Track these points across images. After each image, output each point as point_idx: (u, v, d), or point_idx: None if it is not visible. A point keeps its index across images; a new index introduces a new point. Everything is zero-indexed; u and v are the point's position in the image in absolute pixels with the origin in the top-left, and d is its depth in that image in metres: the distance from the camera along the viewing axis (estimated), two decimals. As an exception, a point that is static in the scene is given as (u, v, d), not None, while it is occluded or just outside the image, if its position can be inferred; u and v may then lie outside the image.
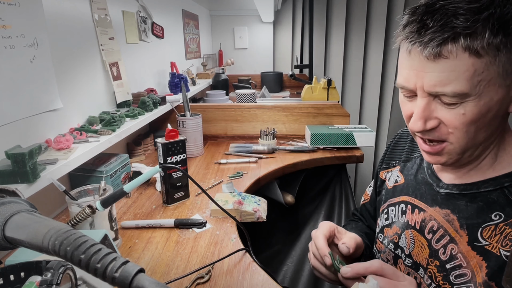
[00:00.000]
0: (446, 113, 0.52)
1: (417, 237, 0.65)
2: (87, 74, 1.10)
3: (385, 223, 0.75)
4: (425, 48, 0.49)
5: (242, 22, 3.06)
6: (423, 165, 0.70)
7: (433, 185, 0.65)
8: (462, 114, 0.50)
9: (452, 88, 0.49)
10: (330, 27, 2.95)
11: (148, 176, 0.76)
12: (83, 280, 0.50)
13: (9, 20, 0.76)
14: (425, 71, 0.50)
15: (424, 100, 0.52)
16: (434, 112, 0.53)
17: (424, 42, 0.48)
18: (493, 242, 0.53)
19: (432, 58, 0.49)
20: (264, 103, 1.76)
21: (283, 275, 1.41)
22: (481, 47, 0.46)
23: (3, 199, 0.44)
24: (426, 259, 0.62)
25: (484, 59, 0.47)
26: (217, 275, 0.72)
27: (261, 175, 1.24)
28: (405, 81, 0.54)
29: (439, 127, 0.54)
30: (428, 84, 0.50)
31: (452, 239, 0.58)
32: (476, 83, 0.48)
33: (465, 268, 0.55)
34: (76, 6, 1.05)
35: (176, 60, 1.86)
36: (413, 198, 0.68)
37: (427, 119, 0.53)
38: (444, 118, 0.52)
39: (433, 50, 0.48)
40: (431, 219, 0.63)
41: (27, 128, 0.84)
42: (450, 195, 0.61)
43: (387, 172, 0.80)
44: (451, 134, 0.53)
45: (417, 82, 0.52)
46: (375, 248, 0.78)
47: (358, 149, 1.47)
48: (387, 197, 0.76)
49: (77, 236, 0.36)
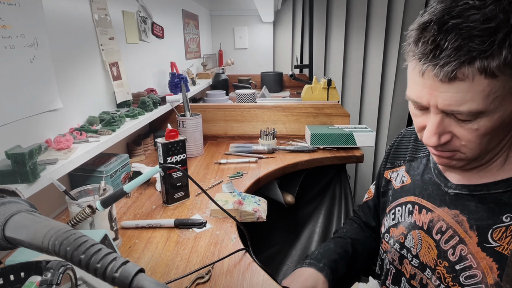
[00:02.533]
0: (459, 129, 0.52)
1: (425, 238, 0.64)
2: (87, 74, 1.10)
3: (391, 223, 0.74)
4: (440, 72, 0.47)
5: (242, 22, 3.06)
6: (429, 165, 0.70)
7: (441, 185, 0.64)
8: (476, 129, 0.50)
9: (467, 108, 0.48)
10: (330, 27, 2.95)
11: (148, 176, 0.76)
12: (83, 280, 0.50)
13: (9, 20, 0.76)
14: (439, 91, 0.49)
15: (438, 117, 0.52)
16: (448, 127, 0.53)
17: (439, 65, 0.47)
18: (504, 243, 0.53)
19: (447, 81, 0.48)
20: (264, 103, 1.76)
21: (283, 275, 1.41)
22: (497, 68, 0.45)
23: (3, 199, 0.44)
24: (434, 260, 0.62)
25: (500, 79, 0.46)
26: (217, 275, 0.72)
27: (261, 175, 1.24)
28: (417, 98, 0.53)
29: (452, 140, 0.54)
30: (442, 104, 0.50)
31: (461, 240, 0.58)
32: (491, 100, 0.47)
33: (476, 269, 0.55)
34: (76, 6, 1.05)
35: (176, 60, 1.86)
36: (420, 199, 0.68)
37: (441, 134, 0.53)
38: (458, 133, 0.52)
39: (448, 74, 0.47)
40: (439, 219, 0.62)
41: (27, 128, 0.84)
42: (459, 196, 0.61)
43: (392, 171, 0.80)
44: (463, 146, 0.53)
45: (430, 100, 0.51)
46: (381, 249, 0.78)
47: (358, 149, 1.47)
48: (394, 197, 0.76)
49: (77, 236, 0.36)
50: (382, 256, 0.78)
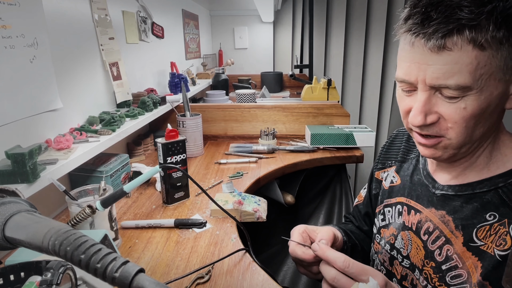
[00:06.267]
0: (446, 108, 0.51)
1: (413, 239, 0.65)
2: (87, 74, 1.10)
3: (381, 224, 0.74)
4: (429, 40, 0.48)
5: (242, 22, 3.06)
6: (418, 166, 0.70)
7: (429, 187, 0.65)
8: (463, 108, 0.50)
9: (455, 81, 0.48)
10: (330, 27, 2.95)
11: (148, 176, 0.76)
12: (83, 280, 0.50)
13: (9, 20, 0.76)
14: (427, 64, 0.50)
15: (425, 94, 0.52)
16: (435, 107, 0.52)
17: (428, 33, 0.48)
18: (488, 242, 0.53)
19: (436, 50, 0.48)
20: (264, 103, 1.76)
21: (283, 275, 1.41)
22: (485, 40, 0.46)
23: (3, 199, 0.44)
24: (422, 260, 0.62)
25: (487, 52, 0.47)
26: (217, 275, 0.72)
27: (261, 175, 1.24)
28: (405, 75, 0.53)
29: (438, 122, 0.53)
30: (430, 77, 0.50)
31: (447, 240, 0.58)
32: (478, 76, 0.48)
33: (461, 268, 0.55)
34: (76, 6, 1.05)
35: (176, 60, 1.86)
36: (409, 199, 0.68)
37: (428, 113, 0.53)
38: (445, 113, 0.52)
39: (437, 41, 0.48)
40: (427, 220, 0.62)
41: (27, 128, 0.83)
42: (445, 197, 0.61)
43: (383, 172, 0.80)
44: (450, 129, 0.53)
45: (418, 75, 0.51)
46: (373, 249, 0.78)
47: (358, 149, 1.47)
48: (383, 197, 0.76)
49: (77, 236, 0.36)
50: (373, 257, 0.78)
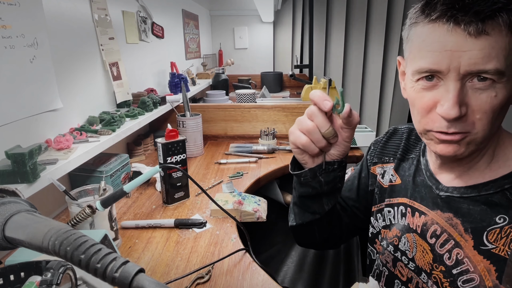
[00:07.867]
0: (477, 98, 0.50)
1: (419, 241, 0.64)
2: (87, 74, 1.10)
3: (382, 224, 0.74)
4: (469, 24, 0.46)
5: (242, 22, 3.06)
6: (420, 166, 0.68)
7: (432, 188, 0.63)
8: (494, 96, 0.49)
9: (493, 65, 0.47)
10: (330, 27, 2.95)
11: (148, 176, 0.76)
12: (83, 280, 0.50)
13: (9, 20, 0.76)
14: (462, 50, 0.48)
15: (458, 83, 0.49)
16: (466, 97, 0.50)
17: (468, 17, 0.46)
18: (500, 245, 0.52)
19: (476, 34, 0.46)
20: (264, 103, 1.76)
21: (283, 275, 1.41)
22: None
23: (3, 199, 0.44)
24: (430, 264, 0.61)
25: None
26: (217, 275, 0.72)
27: (261, 175, 1.24)
28: (434, 64, 0.50)
29: (466, 115, 0.51)
30: (467, 63, 0.48)
31: (457, 244, 0.57)
32: (510, 62, 0.47)
33: (473, 272, 0.54)
34: (76, 6, 1.05)
35: (176, 60, 1.86)
36: (412, 201, 0.67)
37: (461, 104, 0.50)
38: (475, 103, 0.50)
39: (478, 25, 0.46)
40: (433, 223, 0.61)
41: (27, 128, 0.83)
42: (450, 198, 0.60)
43: (379, 167, 0.77)
44: (478, 122, 0.51)
45: (451, 63, 0.49)
46: (373, 249, 0.77)
47: (358, 149, 1.47)
48: (382, 196, 0.74)
49: (77, 236, 0.36)
50: (374, 257, 0.77)
